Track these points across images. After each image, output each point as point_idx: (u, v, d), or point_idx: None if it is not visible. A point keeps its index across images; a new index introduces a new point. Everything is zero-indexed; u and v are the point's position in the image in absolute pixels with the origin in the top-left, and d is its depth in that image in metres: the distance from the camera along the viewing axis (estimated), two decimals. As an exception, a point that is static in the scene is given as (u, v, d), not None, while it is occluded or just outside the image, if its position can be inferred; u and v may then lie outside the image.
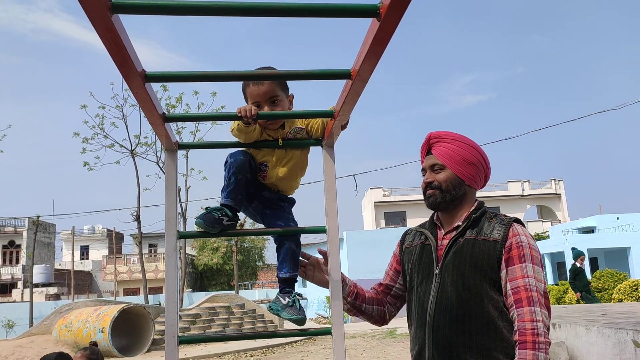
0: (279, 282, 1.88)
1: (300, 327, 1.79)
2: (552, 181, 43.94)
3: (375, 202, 42.83)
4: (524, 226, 1.88)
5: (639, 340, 4.03)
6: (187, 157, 22.54)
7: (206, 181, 25.73)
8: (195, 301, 22.74)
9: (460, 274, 1.81)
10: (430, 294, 1.87)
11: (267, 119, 1.79)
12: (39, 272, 39.20)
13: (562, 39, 70.59)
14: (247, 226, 25.69)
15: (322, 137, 1.82)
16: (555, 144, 71.74)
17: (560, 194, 43.50)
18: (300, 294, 1.86)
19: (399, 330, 15.08)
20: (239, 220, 1.90)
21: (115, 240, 39.59)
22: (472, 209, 1.92)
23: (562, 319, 5.82)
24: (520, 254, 1.77)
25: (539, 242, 25.14)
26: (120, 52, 1.11)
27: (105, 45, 1.07)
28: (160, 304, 21.71)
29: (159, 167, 22.11)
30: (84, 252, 50.90)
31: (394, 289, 2.12)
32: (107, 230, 48.92)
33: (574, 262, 12.12)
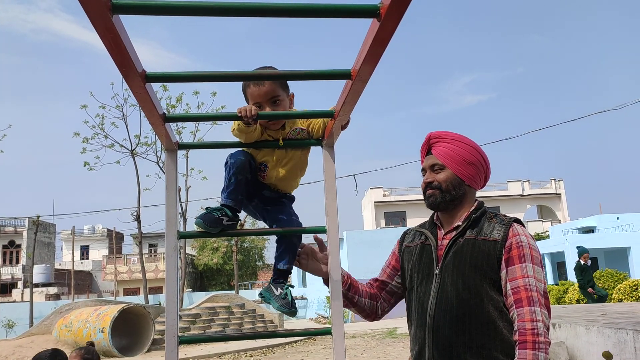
0: (274, 272, 1.89)
1: (292, 317, 1.89)
2: (552, 181, 43.92)
3: (375, 202, 42.81)
4: (524, 226, 1.89)
5: None
6: (187, 157, 22.58)
7: (206, 181, 25.80)
8: (195, 301, 22.72)
9: (460, 274, 1.81)
10: (430, 294, 1.87)
11: (267, 119, 1.79)
12: (39, 272, 39.19)
13: (562, 39, 70.64)
14: (247, 226, 25.73)
15: (322, 137, 1.83)
16: (555, 144, 71.79)
17: (560, 194, 43.49)
18: (292, 285, 1.89)
19: (399, 330, 15.09)
20: (239, 220, 1.91)
21: (115, 240, 39.56)
22: (472, 209, 1.93)
23: (562, 319, 5.82)
24: (520, 254, 1.78)
25: (539, 242, 25.13)
26: (120, 52, 1.11)
27: (105, 45, 1.07)
28: (160, 304, 21.70)
29: (159, 167, 22.12)
30: (84, 252, 50.90)
31: (389, 286, 2.12)
32: (107, 230, 48.89)
33: (578, 259, 12.12)
